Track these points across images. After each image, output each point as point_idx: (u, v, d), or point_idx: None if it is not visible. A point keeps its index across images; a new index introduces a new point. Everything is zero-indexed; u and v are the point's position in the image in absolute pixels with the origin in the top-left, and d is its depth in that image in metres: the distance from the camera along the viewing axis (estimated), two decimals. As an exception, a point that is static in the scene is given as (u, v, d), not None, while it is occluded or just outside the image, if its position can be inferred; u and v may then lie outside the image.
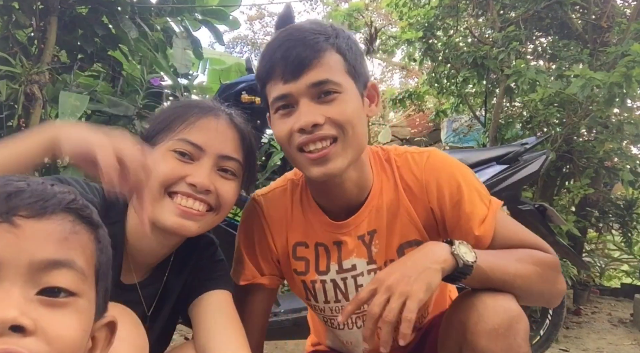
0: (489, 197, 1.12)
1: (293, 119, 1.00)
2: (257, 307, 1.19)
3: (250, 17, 15.64)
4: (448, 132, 6.44)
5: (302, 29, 1.02)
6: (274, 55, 1.01)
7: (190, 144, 1.00)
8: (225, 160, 1.03)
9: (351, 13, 6.81)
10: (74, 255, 0.56)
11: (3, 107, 2.21)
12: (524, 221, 2.41)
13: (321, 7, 13.80)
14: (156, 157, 0.99)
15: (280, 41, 1.01)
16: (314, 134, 0.98)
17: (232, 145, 1.04)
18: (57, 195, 0.57)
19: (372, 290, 0.95)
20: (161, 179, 0.97)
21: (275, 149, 3.33)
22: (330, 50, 1.00)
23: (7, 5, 2.42)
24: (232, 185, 1.04)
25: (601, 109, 3.38)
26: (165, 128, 1.03)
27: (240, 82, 2.31)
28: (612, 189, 4.54)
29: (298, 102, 0.99)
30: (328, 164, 0.99)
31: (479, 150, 3.68)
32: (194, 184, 0.97)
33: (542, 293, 1.10)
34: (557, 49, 4.29)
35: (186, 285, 1.11)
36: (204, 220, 1.00)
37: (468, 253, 0.97)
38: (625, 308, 4.49)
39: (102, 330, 0.62)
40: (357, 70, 1.04)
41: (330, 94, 0.99)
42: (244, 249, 1.21)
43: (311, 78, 0.98)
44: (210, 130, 1.02)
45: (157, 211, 0.97)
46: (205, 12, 3.11)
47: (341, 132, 0.99)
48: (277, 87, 1.00)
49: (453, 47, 4.71)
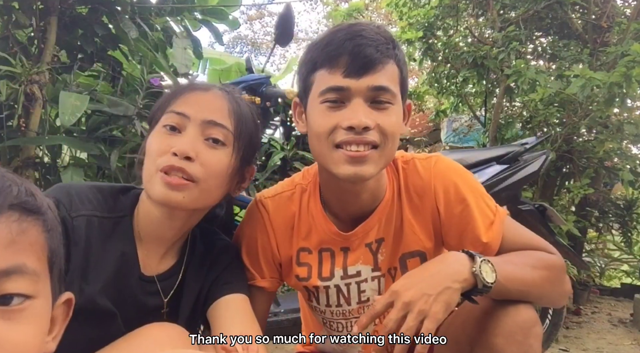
0: (494, 204, 1.12)
1: (342, 115, 0.98)
2: (256, 308, 1.17)
3: (250, 17, 15.65)
4: (448, 132, 6.45)
5: (374, 30, 1.01)
6: (342, 46, 0.98)
7: (176, 114, 0.99)
8: (211, 126, 0.99)
9: (351, 13, 6.81)
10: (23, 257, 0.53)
11: (3, 107, 2.21)
12: (524, 221, 2.41)
13: (321, 7, 13.80)
14: (151, 137, 1.01)
15: (352, 34, 0.99)
16: (361, 136, 0.97)
17: (220, 112, 1.01)
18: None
19: (389, 303, 0.93)
20: (154, 156, 0.98)
21: (275, 149, 3.33)
22: (393, 60, 1.01)
23: (7, 5, 2.41)
24: (219, 154, 1.00)
25: (601, 109, 3.38)
26: (161, 107, 1.04)
27: (240, 82, 2.31)
28: (612, 189, 4.54)
29: (351, 99, 0.98)
30: (363, 166, 0.98)
31: (479, 150, 3.68)
32: (175, 153, 0.96)
33: (552, 297, 1.12)
34: (557, 49, 4.29)
35: (204, 288, 1.10)
36: (188, 190, 0.96)
37: (489, 274, 0.94)
38: (625, 308, 4.49)
39: (60, 307, 0.61)
40: (405, 87, 1.05)
41: (383, 103, 0.99)
42: (245, 252, 1.19)
43: (374, 81, 0.97)
44: (197, 100, 1.01)
45: (149, 186, 0.98)
46: (205, 11, 3.11)
47: (383, 141, 0.99)
48: (335, 78, 0.98)
49: (453, 47, 4.71)
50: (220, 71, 5.36)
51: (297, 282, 1.20)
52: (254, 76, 2.35)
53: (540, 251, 1.08)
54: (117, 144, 2.36)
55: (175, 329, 0.97)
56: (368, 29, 1.01)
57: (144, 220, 1.04)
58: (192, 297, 1.10)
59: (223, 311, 1.04)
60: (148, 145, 1.01)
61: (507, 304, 0.99)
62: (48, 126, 2.38)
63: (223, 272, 1.11)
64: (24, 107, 2.25)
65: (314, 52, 1.02)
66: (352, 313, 1.19)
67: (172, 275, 1.08)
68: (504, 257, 1.04)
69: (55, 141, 2.33)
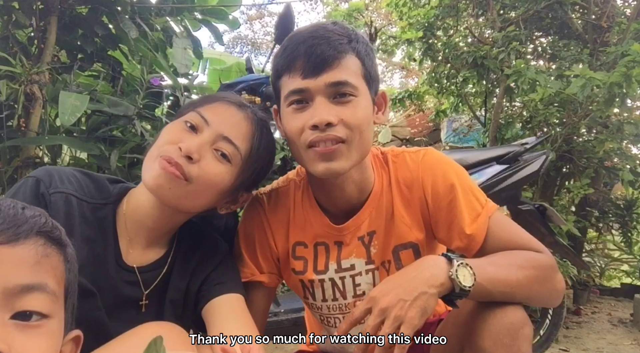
0: (485, 198, 1.12)
1: (307, 115, 1.01)
2: (256, 305, 1.18)
3: (250, 17, 15.65)
4: (448, 132, 6.45)
5: (327, 28, 1.04)
6: (296, 49, 1.01)
7: (200, 117, 1.01)
8: (225, 142, 1.01)
9: (351, 13, 6.82)
10: (46, 277, 0.58)
11: (3, 107, 2.20)
12: (524, 221, 2.42)
13: (321, 7, 13.80)
14: (169, 127, 1.04)
15: (305, 37, 1.02)
16: (326, 133, 0.99)
17: (240, 133, 1.03)
18: (29, 220, 0.59)
19: (367, 309, 0.95)
20: (161, 143, 0.99)
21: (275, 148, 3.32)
22: (351, 54, 1.02)
23: (7, 5, 2.41)
24: (221, 168, 1.01)
25: (601, 108, 3.38)
26: (193, 104, 1.06)
27: (240, 82, 2.31)
28: (612, 189, 4.54)
29: (314, 99, 1.01)
30: (333, 161, 1.01)
31: (479, 150, 3.68)
32: (181, 149, 0.97)
33: (542, 297, 1.10)
34: (557, 49, 4.29)
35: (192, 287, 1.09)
36: (176, 185, 0.97)
37: (467, 277, 0.94)
38: (625, 308, 4.49)
39: (68, 344, 0.64)
40: (372, 77, 1.06)
41: (346, 96, 1.01)
42: (244, 247, 1.21)
43: (331, 77, 0.99)
44: (225, 112, 1.03)
45: (146, 172, 0.99)
46: (205, 11, 3.11)
47: (350, 135, 1.01)
48: (295, 81, 1.01)
49: (453, 47, 4.71)
50: (221, 71, 5.36)
51: (293, 277, 1.21)
52: (254, 76, 2.35)
53: (528, 250, 1.06)
54: (117, 143, 2.35)
55: (174, 328, 0.97)
56: (321, 29, 1.04)
57: (133, 208, 1.04)
58: (178, 294, 1.09)
59: (218, 312, 1.03)
60: (163, 131, 1.03)
61: (494, 306, 0.98)
62: (48, 126, 2.38)
63: (214, 271, 1.10)
64: (24, 107, 2.26)
65: (276, 60, 1.07)
66: (348, 307, 1.19)
67: (156, 268, 1.08)
68: (488, 258, 1.03)
69: (55, 141, 2.33)
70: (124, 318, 1.01)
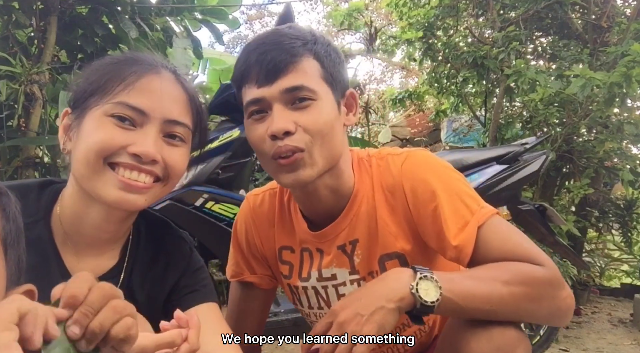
0: (477, 203, 1.00)
1: (266, 125, 0.96)
2: (251, 305, 1.17)
3: (250, 16, 15.65)
4: (448, 132, 6.45)
5: (279, 33, 1.00)
6: (248, 58, 0.98)
7: (131, 108, 0.87)
8: (173, 125, 0.90)
9: (351, 13, 6.82)
10: None
11: (3, 107, 2.21)
12: (524, 221, 2.42)
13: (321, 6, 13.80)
14: (90, 123, 0.88)
15: (256, 44, 0.99)
16: (284, 143, 0.94)
17: (180, 107, 0.92)
18: None
19: (328, 323, 0.91)
20: (99, 149, 0.85)
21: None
22: (307, 56, 0.97)
23: (7, 5, 2.42)
24: (181, 152, 0.93)
25: (601, 108, 3.38)
26: (98, 89, 0.89)
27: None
28: (612, 189, 4.55)
29: (271, 107, 0.96)
30: (297, 171, 0.96)
31: (478, 150, 3.68)
32: (137, 154, 0.85)
33: (537, 317, 1.00)
34: (557, 49, 4.29)
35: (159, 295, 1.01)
36: (151, 192, 0.89)
37: (430, 291, 0.87)
38: (625, 308, 4.48)
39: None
40: (335, 78, 1.01)
41: (305, 101, 0.96)
42: (234, 246, 1.20)
43: (285, 83, 0.95)
44: (153, 91, 0.89)
45: (98, 184, 0.86)
46: (205, 11, 3.11)
47: (311, 141, 0.96)
48: (251, 91, 0.97)
49: (453, 47, 4.71)
50: (221, 71, 5.37)
51: (283, 281, 1.19)
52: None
53: (527, 262, 0.93)
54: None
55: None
56: (273, 34, 1.00)
57: (71, 220, 0.92)
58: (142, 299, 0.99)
59: None
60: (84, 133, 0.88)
61: (479, 328, 0.90)
62: (48, 126, 2.38)
63: (182, 277, 1.02)
64: (24, 107, 2.26)
65: (234, 71, 1.03)
66: None
67: (113, 277, 0.96)
68: (469, 271, 0.96)
69: (55, 141, 2.31)
70: None
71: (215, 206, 2.10)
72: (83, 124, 0.88)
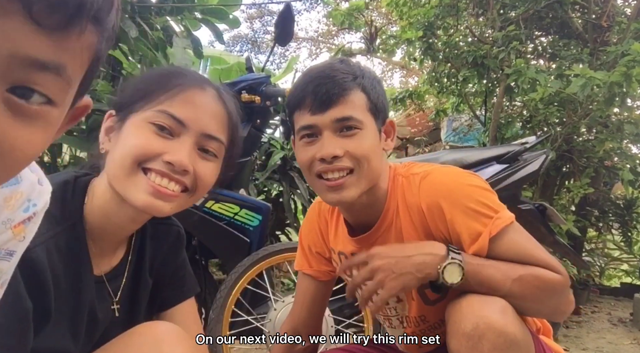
0: (493, 212, 1.09)
1: (315, 148, 1.09)
2: (309, 292, 1.36)
3: (250, 15, 15.65)
4: (448, 132, 6.45)
5: (333, 67, 1.12)
6: (305, 88, 1.10)
7: (172, 118, 0.91)
8: (208, 140, 0.95)
9: (351, 12, 6.81)
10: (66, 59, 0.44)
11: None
12: (524, 220, 2.42)
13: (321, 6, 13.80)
14: (131, 127, 0.92)
15: (313, 76, 1.11)
16: (332, 165, 1.08)
17: (217, 123, 0.97)
18: None
19: (364, 261, 1.07)
20: (135, 153, 0.89)
21: (275, 148, 3.33)
22: (355, 90, 1.10)
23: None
24: (212, 167, 0.97)
25: (601, 108, 3.39)
26: (144, 97, 0.94)
27: (240, 81, 2.31)
28: (612, 189, 4.55)
29: (322, 133, 1.09)
30: (342, 192, 1.09)
31: (479, 149, 3.68)
32: (171, 163, 0.89)
33: (538, 313, 1.13)
34: (557, 49, 4.29)
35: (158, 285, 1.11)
36: (178, 201, 0.93)
37: (453, 275, 1.02)
38: (625, 307, 4.49)
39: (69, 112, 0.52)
40: (378, 108, 1.13)
41: (352, 129, 1.09)
42: (299, 243, 1.39)
43: (336, 113, 1.07)
44: (195, 104, 0.94)
45: (129, 187, 0.89)
46: (205, 11, 3.11)
47: (357, 165, 1.09)
48: (305, 117, 1.10)
49: (453, 46, 4.71)
50: (221, 70, 5.37)
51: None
52: (254, 75, 2.35)
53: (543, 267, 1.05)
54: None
55: (174, 328, 0.97)
56: (328, 68, 1.12)
57: (99, 218, 0.95)
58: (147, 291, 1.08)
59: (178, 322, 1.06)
60: (124, 136, 0.92)
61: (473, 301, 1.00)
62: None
63: (177, 269, 1.13)
64: (24, 106, 2.25)
65: (289, 97, 1.15)
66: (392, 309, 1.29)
67: (122, 270, 1.03)
68: (493, 262, 1.05)
69: (55, 140, 2.33)
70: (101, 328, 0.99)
71: (215, 205, 2.10)
72: (124, 128, 0.93)
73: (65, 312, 0.89)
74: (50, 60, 0.42)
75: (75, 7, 0.41)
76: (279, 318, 1.95)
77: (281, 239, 3.40)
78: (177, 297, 1.13)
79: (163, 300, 1.12)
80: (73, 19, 0.42)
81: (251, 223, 2.16)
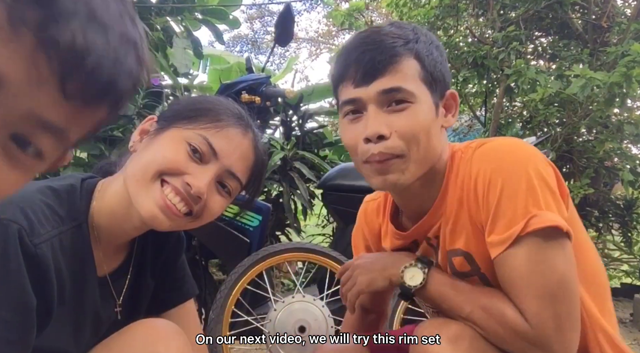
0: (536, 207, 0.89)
1: (360, 127, 0.96)
2: None
3: (251, 16, 15.65)
4: (448, 132, 6.45)
5: (380, 32, 0.98)
6: (348, 57, 0.97)
7: (209, 145, 0.94)
8: (230, 177, 0.98)
9: (351, 13, 6.80)
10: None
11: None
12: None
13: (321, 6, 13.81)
14: (167, 139, 0.95)
15: (357, 43, 0.97)
16: (379, 153, 0.93)
17: (244, 165, 1.00)
18: None
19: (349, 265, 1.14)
20: (163, 164, 0.92)
21: (275, 148, 3.33)
22: (407, 56, 0.95)
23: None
24: (223, 203, 1.00)
25: (601, 108, 3.39)
26: (193, 117, 0.97)
27: (240, 82, 2.31)
28: (612, 189, 4.54)
29: (366, 108, 0.95)
30: (389, 175, 0.95)
31: (479, 150, 3.67)
32: (190, 185, 0.91)
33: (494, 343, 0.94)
34: (557, 49, 4.29)
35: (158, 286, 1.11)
36: (179, 221, 0.94)
37: (415, 277, 1.01)
38: (625, 308, 4.48)
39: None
40: (435, 78, 0.97)
41: (401, 103, 0.94)
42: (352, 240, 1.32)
43: (382, 84, 0.93)
44: (232, 143, 0.97)
45: (142, 192, 0.91)
46: (205, 11, 3.11)
47: (406, 147, 0.93)
48: (348, 91, 0.97)
49: (453, 46, 4.71)
50: (221, 71, 5.37)
51: None
52: (254, 76, 2.35)
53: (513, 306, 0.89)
54: (117, 143, 2.36)
55: (170, 324, 0.98)
56: (374, 33, 0.98)
57: (108, 219, 0.96)
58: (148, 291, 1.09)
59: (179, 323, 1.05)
60: (158, 144, 0.95)
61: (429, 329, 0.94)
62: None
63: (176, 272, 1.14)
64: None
65: (333, 68, 1.03)
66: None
67: (125, 271, 1.04)
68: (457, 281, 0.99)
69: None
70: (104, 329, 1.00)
71: (215, 206, 2.10)
72: (161, 136, 0.96)
73: (68, 311, 0.90)
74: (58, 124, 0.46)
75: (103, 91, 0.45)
76: (279, 318, 1.95)
77: (281, 240, 3.40)
78: (177, 299, 1.14)
79: (162, 302, 1.13)
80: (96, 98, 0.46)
81: (251, 223, 2.16)
